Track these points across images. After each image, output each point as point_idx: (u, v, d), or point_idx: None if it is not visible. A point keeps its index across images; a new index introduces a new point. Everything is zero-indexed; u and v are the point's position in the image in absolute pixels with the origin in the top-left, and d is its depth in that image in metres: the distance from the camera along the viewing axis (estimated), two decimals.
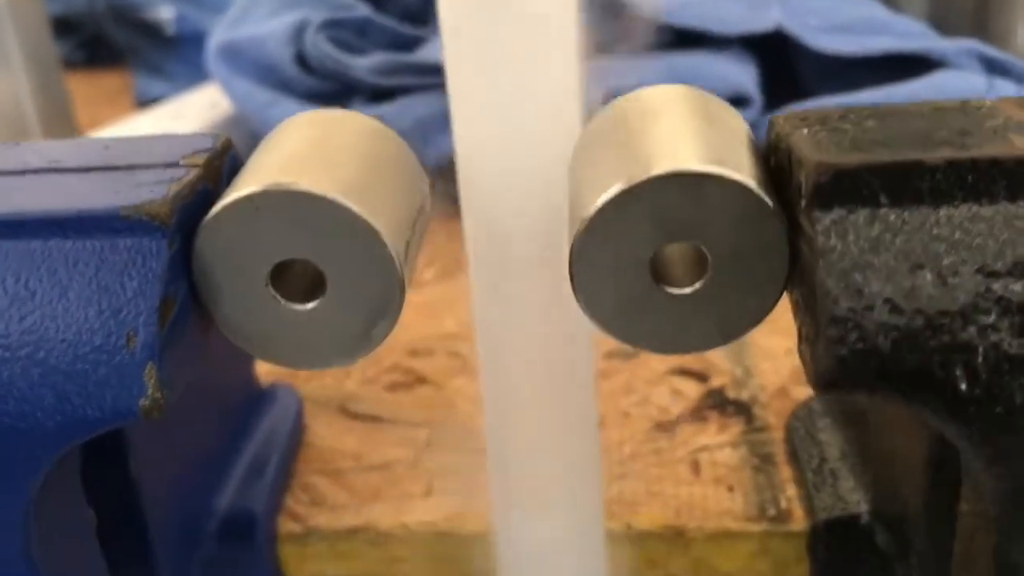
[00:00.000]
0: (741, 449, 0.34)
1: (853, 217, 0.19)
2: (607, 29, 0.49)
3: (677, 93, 0.22)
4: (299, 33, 0.52)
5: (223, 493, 0.31)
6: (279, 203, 0.21)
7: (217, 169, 0.23)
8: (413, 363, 0.40)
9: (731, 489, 0.32)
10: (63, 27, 0.74)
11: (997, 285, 0.19)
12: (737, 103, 0.47)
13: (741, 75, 0.47)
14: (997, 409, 0.19)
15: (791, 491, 0.32)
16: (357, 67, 0.51)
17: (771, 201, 0.20)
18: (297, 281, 0.22)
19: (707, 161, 0.20)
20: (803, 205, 0.19)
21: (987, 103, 0.22)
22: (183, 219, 0.21)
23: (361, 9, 0.54)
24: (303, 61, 0.52)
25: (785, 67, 0.50)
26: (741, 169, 0.20)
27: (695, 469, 0.33)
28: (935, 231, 0.19)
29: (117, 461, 0.27)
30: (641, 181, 0.20)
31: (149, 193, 0.21)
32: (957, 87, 0.46)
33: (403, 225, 0.22)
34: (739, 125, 0.22)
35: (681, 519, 0.31)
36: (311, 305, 0.22)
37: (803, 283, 0.20)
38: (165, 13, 0.70)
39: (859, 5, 0.51)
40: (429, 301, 0.44)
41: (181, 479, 0.29)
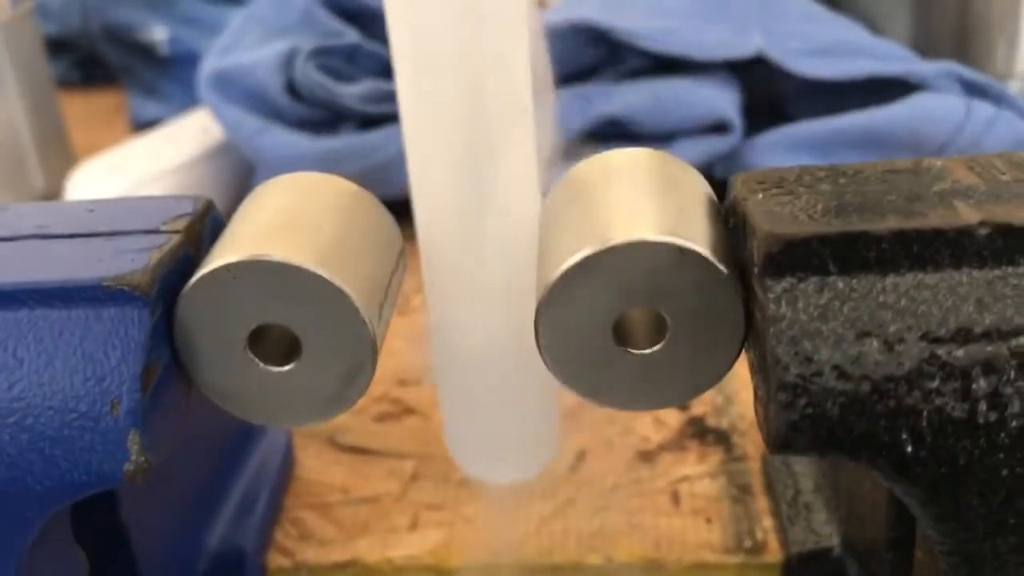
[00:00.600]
0: (720, 479, 0.35)
1: (803, 285, 0.20)
2: (590, 55, 0.50)
3: (638, 158, 0.23)
4: (289, 61, 0.52)
5: (213, 531, 0.32)
6: (254, 272, 0.22)
7: (198, 233, 0.24)
8: (401, 393, 0.41)
9: (709, 520, 0.33)
10: (58, 47, 0.75)
11: (941, 351, 0.19)
12: (718, 129, 0.48)
13: (722, 101, 0.47)
14: (942, 470, 0.19)
15: (767, 522, 0.32)
16: (346, 95, 0.51)
17: (725, 269, 0.21)
18: (275, 344, 0.23)
19: (663, 231, 0.20)
20: (755, 272, 0.20)
21: (938, 164, 0.23)
22: (164, 287, 0.22)
23: (351, 36, 0.55)
24: (293, 89, 0.52)
25: (767, 91, 0.51)
26: (697, 236, 0.21)
27: (675, 500, 0.34)
28: (882, 299, 0.20)
29: (107, 505, 0.28)
30: (600, 250, 0.20)
31: (131, 263, 0.22)
32: (936, 109, 0.47)
33: (376, 288, 0.23)
34: (699, 188, 0.23)
35: (660, 551, 0.32)
36: (288, 367, 0.22)
37: (756, 347, 0.21)
38: (158, 34, 0.70)
39: (840, 29, 0.52)
40: (418, 330, 0.45)
41: (171, 519, 0.30)
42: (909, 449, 0.19)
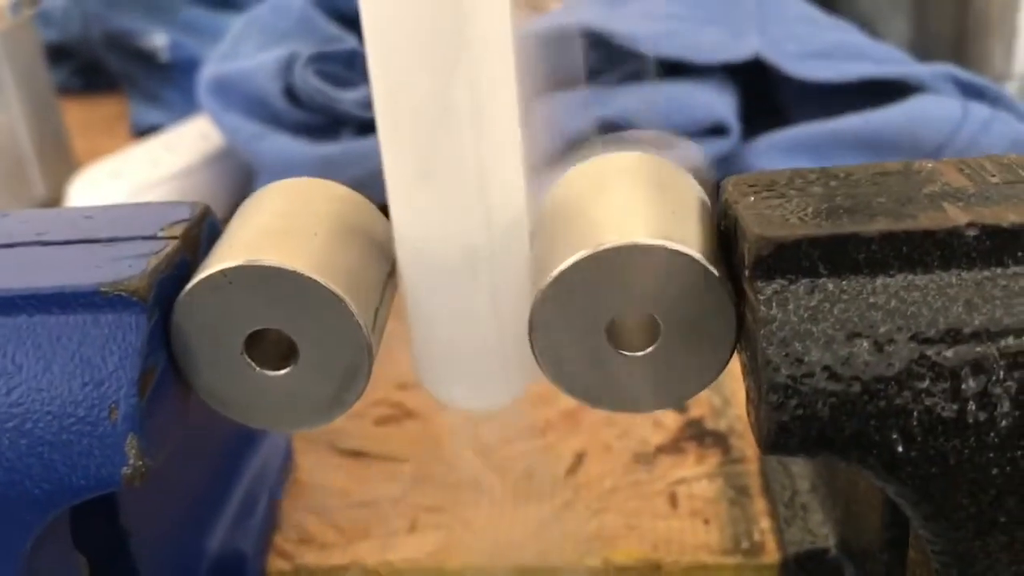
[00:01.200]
0: (718, 481, 0.35)
1: (793, 287, 0.20)
2: (588, 59, 0.50)
3: (631, 161, 0.23)
4: (288, 67, 0.53)
5: (213, 534, 0.32)
6: (250, 278, 0.22)
7: (195, 239, 0.24)
8: (401, 396, 0.41)
9: (707, 522, 0.33)
10: (59, 54, 0.75)
11: (931, 351, 0.20)
12: (715, 132, 0.48)
13: (720, 104, 0.48)
14: (932, 470, 0.20)
15: (765, 523, 0.33)
16: (345, 100, 0.52)
17: (717, 271, 0.21)
18: (272, 348, 0.23)
19: (655, 234, 0.21)
20: (746, 275, 0.20)
21: (928, 166, 0.23)
22: (161, 292, 0.22)
23: (350, 41, 0.55)
24: (292, 94, 0.52)
25: (765, 93, 0.51)
26: (689, 239, 0.21)
27: (673, 502, 0.34)
28: (872, 300, 0.20)
29: (107, 510, 0.28)
30: (593, 253, 0.21)
31: (128, 268, 0.22)
32: (933, 111, 0.47)
33: (371, 292, 0.23)
34: (691, 191, 0.23)
35: (658, 553, 0.32)
36: (284, 372, 0.23)
37: (747, 348, 0.21)
38: (159, 41, 0.70)
39: (837, 31, 0.52)
40: None
41: (171, 524, 0.31)
42: (899, 449, 0.19)
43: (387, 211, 0.27)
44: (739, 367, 0.40)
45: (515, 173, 0.24)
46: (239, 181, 0.55)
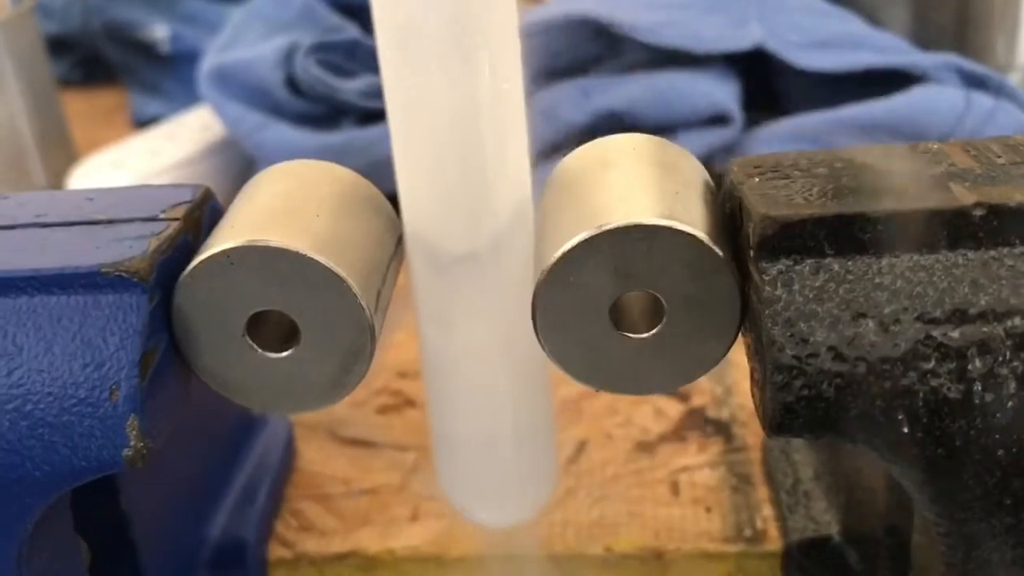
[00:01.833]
0: (720, 469, 0.35)
1: (799, 268, 0.20)
2: (589, 48, 0.50)
3: (634, 143, 0.23)
4: (289, 57, 0.52)
5: (214, 521, 0.32)
6: (252, 258, 0.22)
7: (197, 220, 0.24)
8: (402, 385, 0.41)
9: (709, 510, 0.33)
10: (60, 46, 0.75)
11: (936, 332, 0.19)
12: (717, 121, 0.48)
13: (722, 93, 0.47)
14: (938, 451, 0.19)
15: (767, 511, 0.32)
16: (346, 90, 0.51)
17: (721, 251, 0.21)
18: (273, 330, 0.23)
19: (659, 214, 0.20)
20: (751, 255, 0.20)
21: (934, 147, 0.23)
22: (163, 273, 0.22)
23: (350, 31, 0.55)
24: (293, 84, 0.52)
25: (767, 83, 0.51)
26: (693, 219, 0.21)
27: (674, 490, 0.34)
28: (877, 280, 0.20)
29: (108, 494, 0.28)
30: (597, 234, 0.21)
31: (129, 249, 0.22)
32: (936, 101, 0.47)
33: (374, 274, 0.23)
34: (695, 172, 0.23)
35: (660, 541, 0.32)
36: (286, 353, 0.23)
37: (752, 329, 0.21)
38: (159, 32, 0.70)
39: (839, 21, 0.52)
40: None
41: (172, 510, 0.30)
42: (905, 430, 0.19)
43: (390, 200, 0.27)
44: (742, 357, 0.40)
45: (522, 167, 0.24)
46: (240, 171, 0.55)
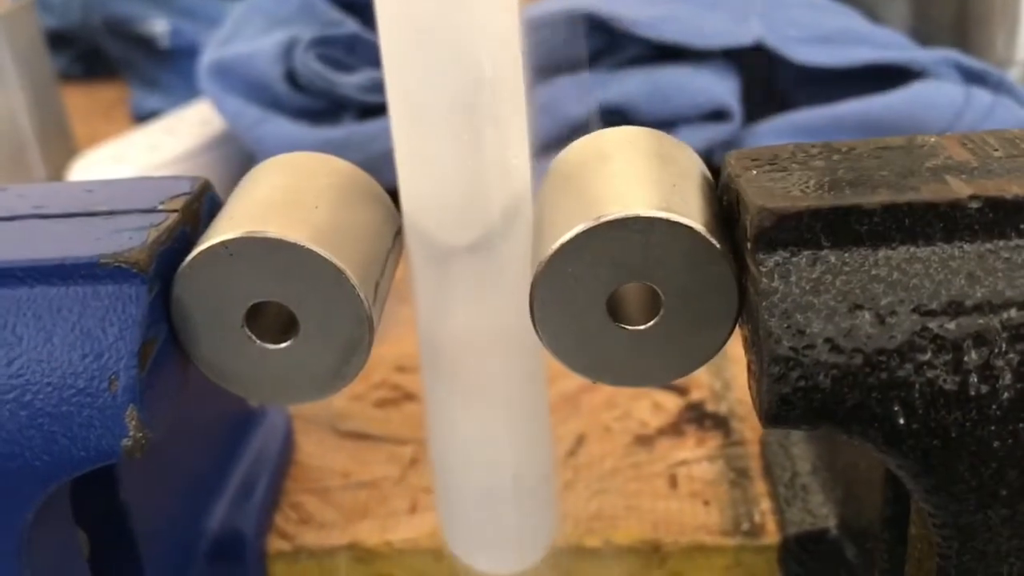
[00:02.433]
0: (718, 463, 0.35)
1: (796, 259, 0.20)
2: (589, 43, 0.50)
3: (632, 135, 0.23)
4: (288, 51, 0.52)
5: (213, 514, 0.32)
6: (251, 249, 0.22)
7: (195, 212, 0.24)
8: (401, 379, 0.41)
9: (707, 503, 0.33)
10: (59, 41, 0.75)
11: (933, 324, 0.19)
12: (717, 117, 0.48)
13: (721, 88, 0.48)
14: (934, 442, 0.19)
15: (765, 505, 0.33)
16: (346, 84, 0.51)
17: (718, 243, 0.21)
18: (272, 321, 0.23)
19: (656, 206, 0.20)
20: (748, 247, 0.20)
21: (931, 140, 0.23)
22: (162, 264, 0.22)
23: (350, 25, 0.55)
24: (293, 79, 0.52)
25: (766, 78, 0.51)
26: (690, 212, 0.21)
27: (672, 483, 0.34)
28: (874, 272, 0.20)
29: (107, 485, 0.28)
30: (594, 225, 0.21)
31: (129, 240, 0.22)
32: (935, 97, 0.47)
33: (372, 266, 0.23)
34: (693, 165, 0.23)
35: (658, 534, 0.32)
36: (284, 345, 0.23)
37: (749, 321, 0.21)
38: (159, 27, 0.70)
39: (839, 16, 0.52)
40: None
41: (171, 502, 0.31)
42: (901, 421, 0.19)
43: (389, 195, 0.27)
44: (740, 352, 0.41)
45: (522, 161, 0.24)
46: (240, 165, 0.55)
